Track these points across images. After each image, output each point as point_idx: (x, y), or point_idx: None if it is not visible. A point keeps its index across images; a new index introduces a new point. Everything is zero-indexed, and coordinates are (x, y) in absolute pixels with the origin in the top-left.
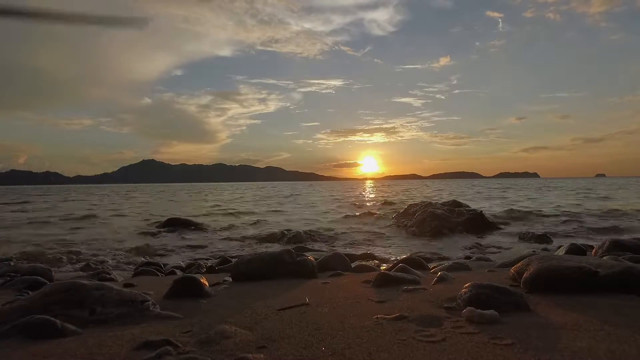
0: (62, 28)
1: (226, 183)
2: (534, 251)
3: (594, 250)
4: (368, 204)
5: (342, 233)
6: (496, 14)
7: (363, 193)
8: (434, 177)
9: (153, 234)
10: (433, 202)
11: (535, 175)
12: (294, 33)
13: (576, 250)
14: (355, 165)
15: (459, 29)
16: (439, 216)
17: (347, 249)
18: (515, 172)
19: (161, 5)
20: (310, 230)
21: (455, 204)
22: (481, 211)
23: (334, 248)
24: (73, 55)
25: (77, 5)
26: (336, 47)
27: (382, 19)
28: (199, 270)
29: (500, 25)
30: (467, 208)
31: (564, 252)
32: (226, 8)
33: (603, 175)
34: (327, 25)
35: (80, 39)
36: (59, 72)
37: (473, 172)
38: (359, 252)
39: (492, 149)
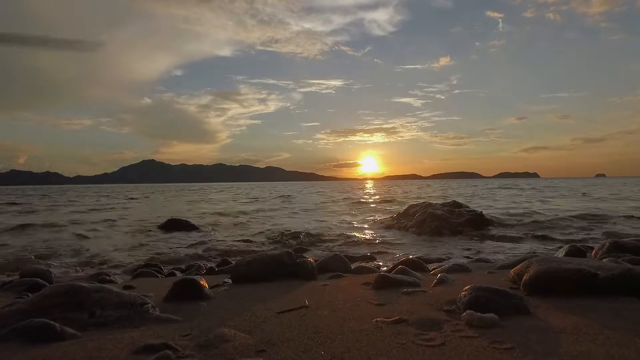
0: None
1: (226, 183)
2: (533, 253)
3: (593, 252)
4: (368, 204)
5: (342, 234)
6: (496, 14)
7: (363, 193)
8: (434, 177)
9: (153, 235)
10: (433, 202)
11: (535, 175)
12: (294, 33)
13: (576, 251)
14: (355, 165)
15: (459, 29)
16: (439, 217)
17: (347, 251)
18: (515, 172)
19: (161, 5)
20: (310, 232)
21: (455, 204)
22: (481, 212)
23: (333, 249)
24: (73, 56)
25: (81, 5)
26: (336, 47)
27: (382, 19)
28: (198, 272)
29: (500, 25)
30: (467, 209)
31: (563, 253)
32: (226, 8)
33: (603, 175)
34: (327, 25)
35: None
36: (59, 72)
37: (473, 172)
38: (359, 254)
39: (492, 149)
